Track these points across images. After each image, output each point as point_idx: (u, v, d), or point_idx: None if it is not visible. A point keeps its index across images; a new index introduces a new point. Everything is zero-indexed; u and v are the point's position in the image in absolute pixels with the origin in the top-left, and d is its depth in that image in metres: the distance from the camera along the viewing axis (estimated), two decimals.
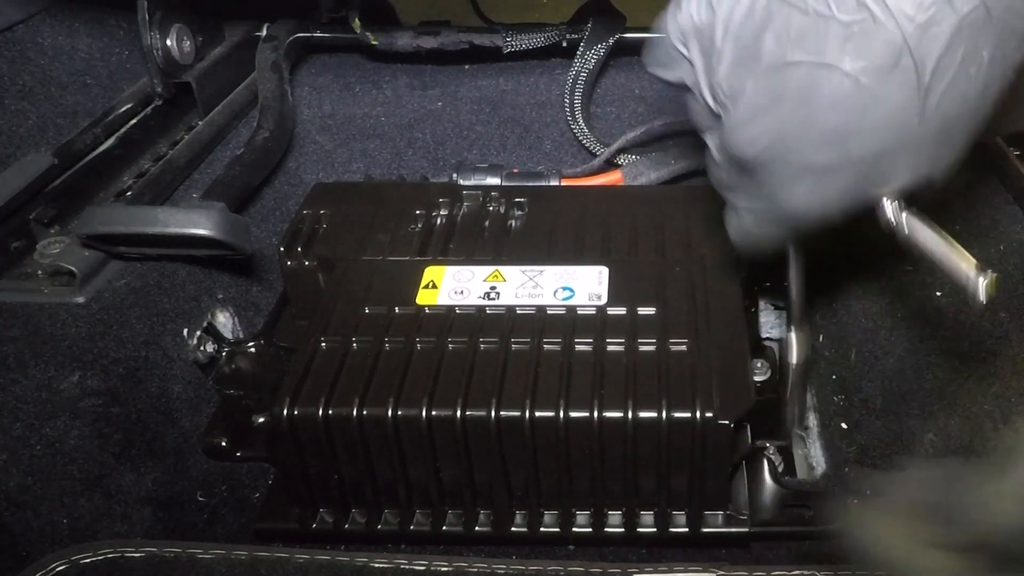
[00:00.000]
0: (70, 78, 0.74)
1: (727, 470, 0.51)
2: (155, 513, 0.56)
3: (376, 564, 0.44)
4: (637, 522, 0.53)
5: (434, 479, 0.52)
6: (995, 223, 0.69)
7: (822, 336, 0.69)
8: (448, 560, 0.44)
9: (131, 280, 0.62)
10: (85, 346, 0.57)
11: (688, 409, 0.49)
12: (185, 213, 0.60)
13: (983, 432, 0.56)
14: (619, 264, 0.60)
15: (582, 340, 0.53)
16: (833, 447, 0.61)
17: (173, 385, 0.61)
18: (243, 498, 0.60)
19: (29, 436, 0.53)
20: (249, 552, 0.44)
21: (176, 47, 0.78)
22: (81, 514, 0.53)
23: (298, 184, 0.84)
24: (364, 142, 0.87)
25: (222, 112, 0.82)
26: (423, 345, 0.54)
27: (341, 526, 0.55)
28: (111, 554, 0.44)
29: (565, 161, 0.85)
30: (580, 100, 0.83)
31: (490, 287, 0.58)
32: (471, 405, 0.50)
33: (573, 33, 0.86)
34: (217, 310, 0.68)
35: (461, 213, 0.66)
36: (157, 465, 0.58)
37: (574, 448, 0.50)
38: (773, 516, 0.54)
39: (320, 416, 0.50)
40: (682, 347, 0.53)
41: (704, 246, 0.61)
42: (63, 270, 0.60)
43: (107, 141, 0.73)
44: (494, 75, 0.88)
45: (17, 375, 0.54)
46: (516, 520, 0.54)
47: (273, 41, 0.86)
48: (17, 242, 0.63)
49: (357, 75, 0.90)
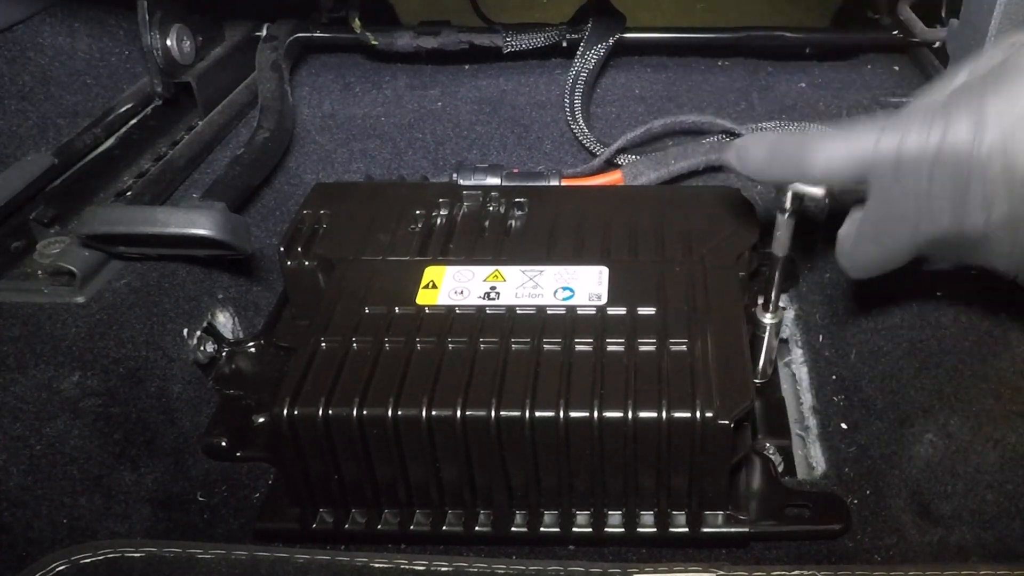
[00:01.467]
0: (70, 78, 0.74)
1: (727, 470, 0.51)
2: (155, 513, 0.56)
3: (376, 564, 0.44)
4: (637, 522, 0.53)
5: (434, 479, 0.52)
6: None
7: (822, 336, 0.69)
8: (448, 560, 0.44)
9: (131, 280, 0.62)
10: (85, 346, 0.57)
11: (688, 409, 0.49)
12: (185, 213, 0.60)
13: (983, 432, 0.56)
14: (619, 264, 0.60)
15: (582, 340, 0.53)
16: (833, 447, 0.61)
17: (173, 385, 0.61)
18: (243, 498, 0.60)
19: (29, 436, 0.53)
20: (249, 552, 0.44)
21: (176, 47, 0.78)
22: (81, 514, 0.53)
23: (298, 184, 0.84)
24: (364, 142, 0.87)
25: (222, 112, 0.82)
26: (423, 345, 0.54)
27: (341, 526, 0.55)
28: (111, 554, 0.44)
29: (565, 161, 0.85)
30: (580, 100, 0.83)
31: (490, 287, 0.58)
32: (471, 405, 0.50)
33: (573, 33, 0.86)
34: (217, 310, 0.68)
35: (461, 213, 0.66)
36: (157, 465, 0.58)
37: (574, 448, 0.50)
38: (773, 516, 0.54)
39: (320, 416, 0.50)
40: (682, 347, 0.53)
41: (704, 246, 0.61)
42: (63, 270, 0.60)
43: (107, 141, 0.73)
44: (494, 75, 0.88)
45: (17, 375, 0.55)
46: (516, 520, 0.54)
47: (273, 41, 0.86)
48: (17, 242, 0.63)
49: (357, 75, 0.90)
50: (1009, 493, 0.53)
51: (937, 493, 0.55)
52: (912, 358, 0.61)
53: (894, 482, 0.57)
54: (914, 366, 0.61)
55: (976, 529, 0.53)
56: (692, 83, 0.87)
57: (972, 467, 0.55)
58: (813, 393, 0.66)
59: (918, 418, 0.58)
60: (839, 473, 0.59)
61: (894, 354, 0.62)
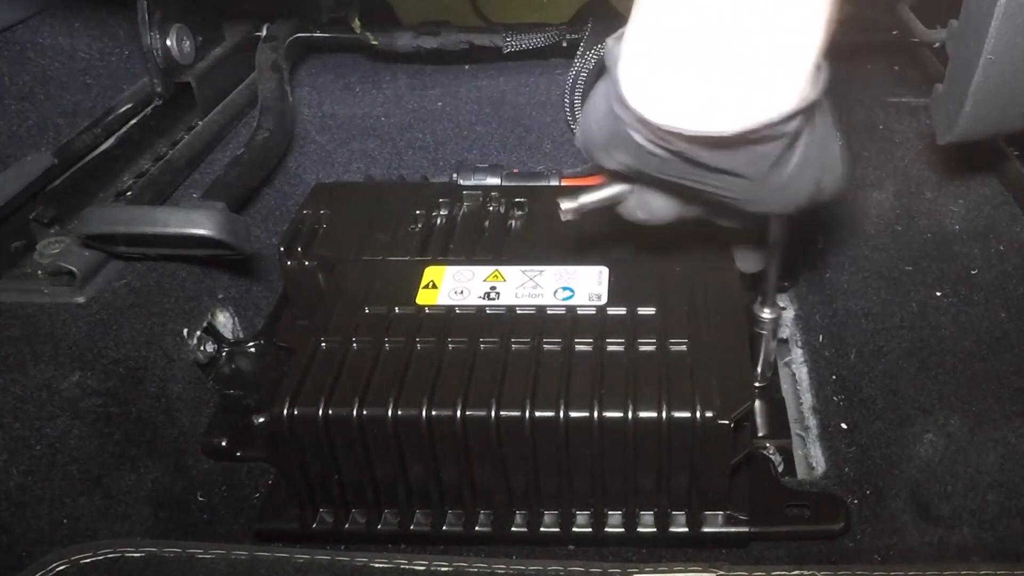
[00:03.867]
0: (70, 78, 0.74)
1: (727, 470, 0.51)
2: (155, 513, 0.56)
3: (376, 564, 0.44)
4: (637, 522, 0.53)
5: (434, 479, 0.52)
6: (995, 223, 0.69)
7: (822, 336, 0.69)
8: (448, 560, 0.44)
9: (131, 280, 0.62)
10: (85, 346, 0.57)
11: (688, 409, 0.49)
12: (185, 213, 0.60)
13: (983, 432, 0.56)
14: (619, 264, 0.60)
15: (582, 340, 0.53)
16: (833, 447, 0.61)
17: (173, 385, 0.61)
18: (243, 498, 0.60)
19: (29, 436, 0.53)
20: (249, 552, 0.44)
21: (176, 47, 0.78)
22: (81, 514, 0.53)
23: (298, 184, 0.84)
24: (364, 142, 0.87)
25: (222, 112, 0.82)
26: (423, 345, 0.54)
27: (341, 526, 0.55)
28: (111, 554, 0.44)
29: (565, 161, 0.85)
30: (580, 100, 0.83)
31: (490, 287, 0.58)
32: (471, 405, 0.50)
33: (573, 33, 0.86)
34: (217, 310, 0.68)
35: (461, 213, 0.66)
36: (157, 465, 0.58)
37: (574, 448, 0.50)
38: (773, 516, 0.54)
39: (320, 416, 0.50)
40: (682, 347, 0.53)
41: (704, 247, 0.61)
42: (63, 270, 0.60)
43: (107, 141, 0.73)
44: (494, 75, 0.88)
45: (17, 375, 0.54)
46: (516, 520, 0.54)
47: (273, 41, 0.86)
48: (17, 242, 0.63)
49: (357, 75, 0.90)
50: (1009, 493, 0.53)
51: (937, 493, 0.55)
52: (912, 358, 0.61)
53: (894, 482, 0.57)
54: (914, 366, 0.61)
55: (976, 529, 0.53)
56: None
57: (972, 467, 0.55)
58: (813, 393, 0.66)
59: (918, 418, 0.58)
60: (839, 473, 0.59)
61: (894, 354, 0.62)
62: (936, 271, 0.67)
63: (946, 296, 0.63)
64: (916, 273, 0.67)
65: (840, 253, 0.74)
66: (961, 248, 0.68)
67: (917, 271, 0.67)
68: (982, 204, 0.72)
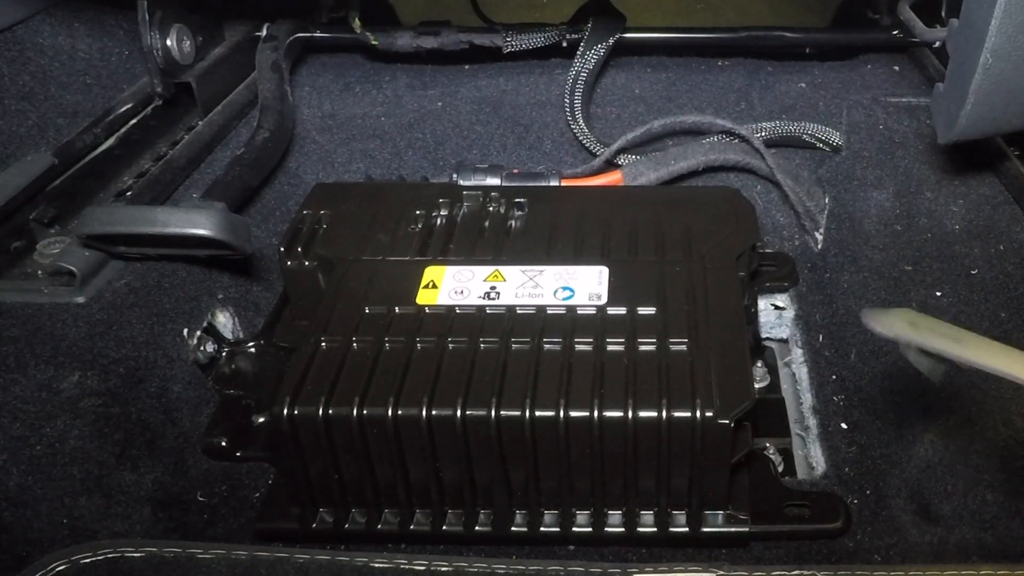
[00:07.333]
0: (70, 78, 0.74)
1: (727, 470, 0.51)
2: (155, 513, 0.56)
3: (376, 564, 0.44)
4: (637, 522, 0.53)
5: (434, 479, 0.52)
6: (995, 223, 0.69)
7: (822, 336, 0.69)
8: (448, 560, 0.44)
9: (131, 280, 0.62)
10: (85, 346, 0.57)
11: (688, 409, 0.49)
12: (185, 213, 0.60)
13: (983, 432, 0.56)
14: (619, 264, 0.60)
15: (582, 340, 0.53)
16: (833, 447, 0.61)
17: (173, 385, 0.61)
18: (243, 498, 0.60)
19: (29, 436, 0.53)
20: (249, 552, 0.44)
21: (176, 47, 0.78)
22: (81, 514, 0.53)
23: (298, 184, 0.84)
24: (364, 142, 0.87)
25: (222, 112, 0.82)
26: (423, 345, 0.54)
27: (341, 526, 0.55)
28: (111, 554, 0.44)
29: (565, 161, 0.85)
30: (580, 100, 0.83)
31: (490, 287, 0.58)
32: (471, 405, 0.50)
33: (573, 33, 0.86)
34: (217, 310, 0.68)
35: (461, 213, 0.66)
36: (157, 465, 0.58)
37: (574, 448, 0.50)
38: (773, 516, 0.54)
39: (320, 416, 0.50)
40: (682, 347, 0.53)
41: (704, 246, 0.61)
42: (63, 270, 0.60)
43: (107, 141, 0.73)
44: (494, 75, 0.88)
45: (17, 375, 0.55)
46: (516, 520, 0.54)
47: (273, 41, 0.86)
48: (17, 242, 0.63)
49: (357, 75, 0.90)
50: (1009, 493, 0.53)
51: (937, 493, 0.55)
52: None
53: (894, 482, 0.57)
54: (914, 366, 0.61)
55: (976, 529, 0.53)
56: (692, 83, 0.87)
57: (972, 467, 0.55)
58: (813, 393, 0.66)
59: (918, 418, 0.58)
60: (839, 473, 0.59)
61: (894, 354, 0.62)
62: (936, 271, 0.67)
63: (946, 296, 0.63)
64: (916, 273, 0.67)
65: (840, 253, 0.74)
66: (961, 248, 0.68)
67: (917, 271, 0.68)
68: (982, 204, 0.72)
